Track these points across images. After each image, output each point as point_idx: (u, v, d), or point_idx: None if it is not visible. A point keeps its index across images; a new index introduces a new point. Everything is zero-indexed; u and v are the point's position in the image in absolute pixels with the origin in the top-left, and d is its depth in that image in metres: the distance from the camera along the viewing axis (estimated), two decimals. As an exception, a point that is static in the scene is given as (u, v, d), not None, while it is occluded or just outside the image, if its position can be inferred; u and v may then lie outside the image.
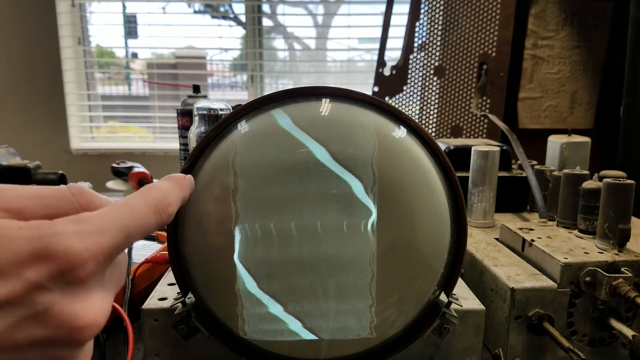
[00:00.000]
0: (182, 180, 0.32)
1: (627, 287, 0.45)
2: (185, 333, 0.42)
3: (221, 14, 2.37)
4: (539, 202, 0.65)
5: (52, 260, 0.21)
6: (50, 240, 0.21)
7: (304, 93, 0.40)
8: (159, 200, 0.27)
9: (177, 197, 0.30)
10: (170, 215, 0.28)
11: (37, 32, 2.13)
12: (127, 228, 0.24)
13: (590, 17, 1.38)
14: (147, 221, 0.26)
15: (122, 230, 0.24)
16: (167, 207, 0.28)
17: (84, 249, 0.22)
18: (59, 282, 0.21)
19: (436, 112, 1.45)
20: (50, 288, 0.21)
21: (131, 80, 2.54)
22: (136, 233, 0.25)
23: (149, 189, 0.28)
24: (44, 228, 0.22)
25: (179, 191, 0.31)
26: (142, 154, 2.24)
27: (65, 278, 0.21)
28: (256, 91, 2.33)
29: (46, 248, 0.21)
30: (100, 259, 0.23)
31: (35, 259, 0.21)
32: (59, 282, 0.21)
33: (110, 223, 0.23)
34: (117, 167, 0.94)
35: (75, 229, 0.22)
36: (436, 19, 1.41)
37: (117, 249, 0.24)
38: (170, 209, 0.28)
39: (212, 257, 0.38)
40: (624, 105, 1.03)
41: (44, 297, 0.21)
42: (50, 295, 0.21)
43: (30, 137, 2.18)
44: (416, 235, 0.37)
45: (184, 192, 0.32)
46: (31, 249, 0.21)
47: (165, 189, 0.29)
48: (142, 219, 0.26)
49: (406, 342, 0.41)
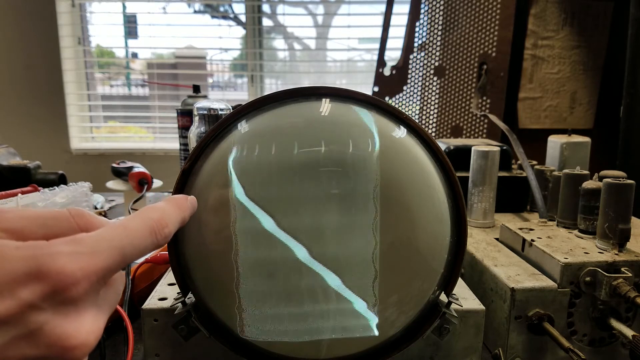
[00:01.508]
0: (182, 201, 0.33)
1: (627, 287, 0.45)
2: (185, 333, 0.42)
3: (221, 14, 2.37)
4: (539, 202, 0.65)
5: (45, 280, 0.21)
6: (45, 260, 0.21)
7: (304, 93, 0.40)
8: (156, 221, 0.28)
9: (175, 219, 0.30)
10: (167, 236, 0.28)
11: (37, 32, 2.13)
12: (123, 249, 0.25)
13: (590, 17, 1.38)
14: (143, 242, 0.26)
15: (117, 250, 0.24)
16: (164, 229, 0.28)
17: (77, 269, 0.22)
18: (52, 302, 0.22)
19: (436, 112, 1.45)
20: (43, 307, 0.22)
21: (131, 80, 2.54)
22: (132, 254, 0.25)
23: (147, 210, 0.28)
24: (39, 248, 0.22)
25: (177, 212, 0.31)
26: (142, 154, 2.24)
27: (58, 298, 0.22)
28: (256, 91, 2.33)
29: (40, 268, 0.21)
30: (94, 280, 0.23)
31: (29, 278, 0.21)
32: (52, 301, 0.22)
33: (105, 243, 0.24)
34: (117, 167, 0.94)
35: (70, 249, 0.22)
36: (436, 19, 1.41)
37: (112, 269, 0.24)
38: (167, 230, 0.28)
39: (212, 257, 0.38)
40: (624, 105, 1.03)
41: (37, 316, 0.21)
42: (43, 314, 0.22)
43: (30, 137, 2.18)
44: (416, 235, 0.37)
45: (184, 214, 0.32)
46: (26, 268, 0.21)
47: (163, 210, 0.29)
48: (138, 239, 0.26)
49: (406, 342, 0.41)
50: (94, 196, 1.06)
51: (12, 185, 0.93)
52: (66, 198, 0.81)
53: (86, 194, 0.86)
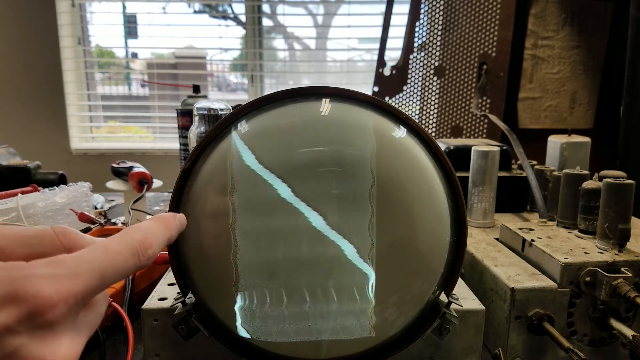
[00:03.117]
0: (169, 220, 0.32)
1: (627, 287, 0.45)
2: (185, 333, 0.42)
3: (221, 14, 2.37)
4: (539, 202, 0.65)
5: (21, 303, 0.21)
6: (22, 283, 0.21)
7: (304, 93, 0.40)
8: (139, 242, 0.27)
9: (159, 239, 0.30)
10: (150, 257, 0.28)
11: (37, 32, 2.13)
12: (103, 271, 0.24)
13: (590, 17, 1.38)
14: (125, 264, 0.26)
15: (97, 273, 0.24)
16: (147, 250, 0.28)
17: (54, 293, 0.22)
18: (28, 325, 0.22)
19: (436, 112, 1.45)
20: (19, 331, 0.21)
21: (131, 80, 2.54)
22: (112, 276, 0.25)
23: (130, 231, 0.28)
24: (17, 270, 0.22)
25: (163, 232, 0.31)
26: (142, 154, 2.24)
27: (34, 321, 0.22)
28: (256, 91, 2.33)
29: (17, 291, 0.21)
30: (72, 303, 0.23)
31: (6, 301, 0.21)
32: (28, 325, 0.22)
33: (85, 266, 0.24)
34: (117, 167, 0.94)
35: (48, 271, 0.22)
36: (436, 19, 1.41)
37: (91, 292, 0.24)
38: (151, 252, 0.28)
39: (212, 257, 0.38)
40: (624, 105, 1.03)
41: (12, 340, 0.21)
42: (18, 338, 0.21)
43: (30, 137, 2.18)
44: (416, 235, 0.37)
45: (170, 233, 0.32)
46: (3, 291, 0.21)
47: (147, 230, 0.29)
48: (119, 261, 0.26)
49: (406, 342, 0.41)
50: (94, 196, 1.06)
51: (12, 185, 0.93)
52: (66, 198, 0.81)
53: (86, 194, 0.86)
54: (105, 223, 0.75)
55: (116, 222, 0.91)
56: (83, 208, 0.82)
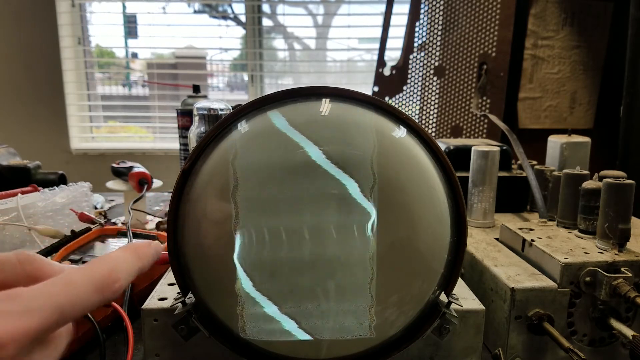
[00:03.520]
0: (142, 249, 0.30)
1: (627, 287, 0.45)
2: (185, 333, 0.42)
3: (221, 14, 2.37)
4: (539, 202, 0.65)
5: None
6: None
7: (304, 93, 0.40)
8: (104, 276, 0.25)
9: (128, 271, 0.28)
10: (116, 291, 0.26)
11: (37, 32, 2.13)
12: (62, 307, 0.23)
13: (590, 17, 1.38)
14: (87, 300, 0.24)
15: (54, 309, 0.23)
16: (114, 284, 0.26)
17: (4, 332, 0.21)
18: None
19: (436, 112, 1.45)
20: None
21: (131, 80, 2.54)
22: (72, 312, 0.24)
23: (97, 263, 0.26)
24: None
25: (134, 263, 0.29)
26: (142, 154, 2.24)
27: None
28: (256, 91, 2.33)
29: None
30: (24, 342, 0.21)
31: None
32: None
33: (41, 301, 0.22)
34: (117, 167, 0.94)
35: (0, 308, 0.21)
36: (436, 19, 1.41)
37: (47, 329, 0.23)
38: (117, 286, 0.26)
39: (212, 257, 0.38)
40: (624, 105, 1.03)
41: None
42: None
43: (30, 137, 2.18)
44: (416, 235, 0.37)
45: (142, 263, 0.30)
46: None
47: (115, 262, 0.27)
48: (80, 297, 0.24)
49: (406, 342, 0.41)
50: (94, 196, 1.06)
51: (12, 185, 0.93)
52: (66, 198, 0.81)
53: (86, 194, 0.86)
54: (105, 223, 0.75)
55: (116, 222, 0.91)
56: (83, 208, 0.82)
